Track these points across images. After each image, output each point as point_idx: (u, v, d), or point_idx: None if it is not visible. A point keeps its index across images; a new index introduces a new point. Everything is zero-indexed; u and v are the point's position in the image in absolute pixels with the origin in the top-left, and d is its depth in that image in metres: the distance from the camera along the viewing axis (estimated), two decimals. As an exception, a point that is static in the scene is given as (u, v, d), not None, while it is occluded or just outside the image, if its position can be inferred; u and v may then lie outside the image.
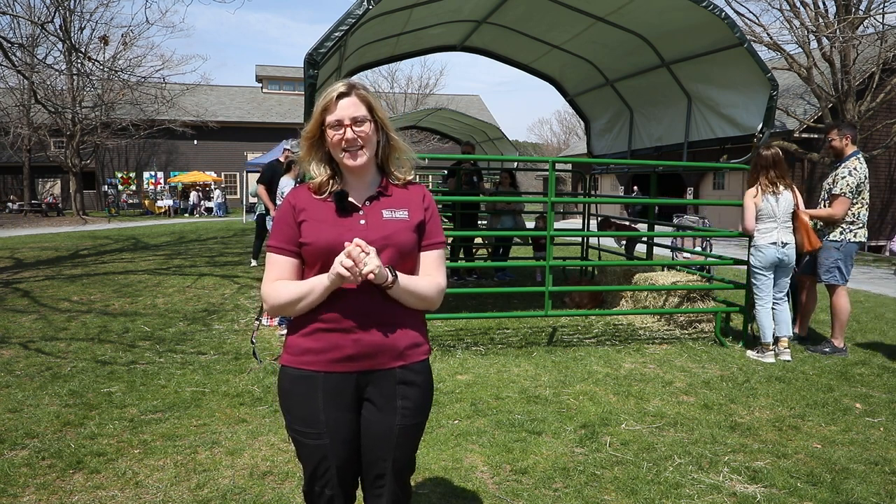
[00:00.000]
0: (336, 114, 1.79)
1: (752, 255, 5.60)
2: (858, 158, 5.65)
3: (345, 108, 1.80)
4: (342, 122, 1.79)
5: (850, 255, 5.63)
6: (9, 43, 10.73)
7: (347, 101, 1.80)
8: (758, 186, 5.48)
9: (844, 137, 5.68)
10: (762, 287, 5.53)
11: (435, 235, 1.91)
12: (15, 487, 3.06)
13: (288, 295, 1.79)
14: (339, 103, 1.80)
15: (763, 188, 5.45)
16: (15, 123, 27.59)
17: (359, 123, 1.80)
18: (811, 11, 14.29)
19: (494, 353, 5.53)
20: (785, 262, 5.46)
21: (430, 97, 37.81)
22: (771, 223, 5.43)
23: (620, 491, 3.10)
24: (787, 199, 5.44)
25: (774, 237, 5.42)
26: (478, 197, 9.50)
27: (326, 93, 1.82)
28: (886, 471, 3.36)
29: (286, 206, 1.87)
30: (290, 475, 3.20)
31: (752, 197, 5.49)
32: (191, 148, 35.11)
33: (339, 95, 1.80)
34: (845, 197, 5.53)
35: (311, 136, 1.85)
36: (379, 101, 1.89)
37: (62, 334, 6.09)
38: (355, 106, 1.81)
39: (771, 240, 5.43)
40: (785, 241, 5.42)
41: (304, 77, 5.06)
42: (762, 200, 5.43)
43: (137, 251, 13.46)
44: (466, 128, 16.42)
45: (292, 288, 1.80)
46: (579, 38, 7.83)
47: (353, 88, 1.82)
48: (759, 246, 5.48)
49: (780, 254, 5.42)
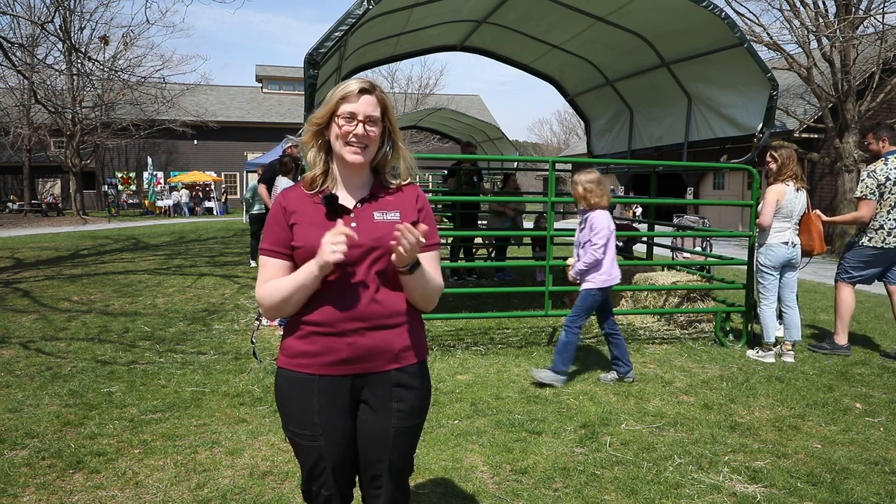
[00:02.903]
0: (353, 106, 1.79)
1: (760, 254, 5.50)
2: (886, 160, 5.54)
3: (364, 104, 1.79)
4: (357, 115, 1.79)
5: (861, 257, 5.60)
6: (9, 43, 10.73)
7: (368, 98, 1.80)
8: (787, 178, 5.31)
9: (881, 140, 5.60)
10: (768, 287, 5.48)
11: (429, 237, 1.87)
12: (15, 487, 3.06)
13: (280, 292, 1.76)
14: (360, 98, 1.79)
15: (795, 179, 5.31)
16: (15, 123, 27.59)
17: (371, 123, 1.80)
18: (811, 11, 14.28)
19: (494, 353, 5.53)
20: (793, 262, 5.42)
21: (430, 97, 37.79)
22: (786, 222, 5.36)
23: (620, 491, 3.10)
24: (803, 201, 5.39)
25: (787, 237, 5.37)
26: (478, 197, 9.50)
27: (346, 84, 1.81)
28: (886, 471, 3.36)
29: (277, 209, 1.85)
30: (290, 475, 3.20)
31: (777, 192, 5.33)
32: (191, 148, 35.11)
33: (361, 90, 1.80)
34: (869, 199, 5.47)
35: (320, 121, 1.84)
36: (393, 108, 1.89)
37: (62, 334, 6.09)
38: (373, 105, 1.81)
39: (783, 239, 5.36)
40: (795, 241, 5.40)
41: (304, 77, 5.07)
42: (786, 196, 5.30)
43: (137, 251, 13.46)
44: (466, 128, 16.42)
45: (285, 283, 1.77)
46: (579, 38, 7.83)
47: (375, 88, 1.83)
48: (771, 245, 5.40)
49: (790, 254, 5.38)
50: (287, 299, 1.76)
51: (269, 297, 1.78)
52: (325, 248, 1.67)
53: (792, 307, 5.49)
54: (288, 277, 1.78)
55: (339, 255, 1.66)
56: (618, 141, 9.26)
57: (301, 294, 1.76)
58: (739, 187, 20.96)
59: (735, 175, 20.80)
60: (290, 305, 1.78)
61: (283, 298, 1.77)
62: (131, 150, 33.78)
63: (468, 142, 10.93)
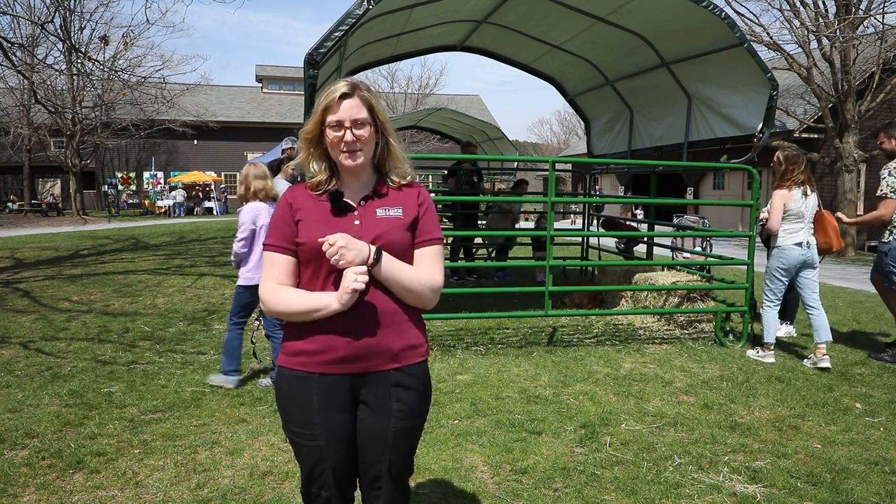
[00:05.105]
0: (337, 115, 1.78)
1: (773, 257, 5.39)
2: None
3: (346, 109, 1.79)
4: (343, 123, 1.79)
5: None
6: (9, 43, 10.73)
7: (349, 102, 1.79)
8: (791, 183, 5.27)
9: (893, 138, 5.52)
10: (775, 290, 5.39)
11: (429, 232, 1.89)
12: (15, 487, 3.06)
13: (293, 306, 1.79)
14: (341, 104, 1.79)
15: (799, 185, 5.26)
16: (15, 123, 27.58)
17: (359, 126, 1.80)
18: (811, 11, 14.28)
19: (494, 353, 5.53)
20: (808, 263, 5.31)
21: (430, 97, 37.79)
22: (798, 223, 5.27)
23: (620, 491, 3.10)
24: (814, 200, 5.32)
25: (801, 237, 5.27)
26: (478, 197, 9.50)
27: (328, 91, 1.81)
28: (886, 471, 3.36)
29: (283, 205, 1.87)
30: (290, 475, 3.20)
31: (783, 196, 5.27)
32: (191, 148, 35.08)
33: (342, 96, 1.79)
34: (889, 198, 5.40)
35: (311, 134, 1.84)
36: (381, 103, 1.88)
37: (62, 334, 6.09)
38: (357, 108, 1.80)
39: (797, 240, 5.26)
40: (810, 241, 5.31)
41: (304, 77, 5.07)
42: (793, 199, 5.24)
43: (137, 251, 13.46)
44: (466, 128, 16.43)
45: (299, 300, 1.79)
46: (579, 38, 7.83)
47: (355, 89, 1.81)
48: (784, 247, 5.29)
49: (805, 255, 5.27)
50: (293, 315, 1.80)
51: (276, 303, 1.81)
52: (348, 277, 1.70)
53: (816, 307, 5.33)
54: (302, 295, 1.80)
55: (361, 284, 1.70)
56: (618, 141, 9.27)
57: (313, 317, 1.78)
58: (739, 187, 20.96)
59: (735, 175, 20.80)
60: (293, 318, 1.82)
61: (289, 312, 1.81)
62: (131, 150, 33.74)
63: (468, 142, 10.94)
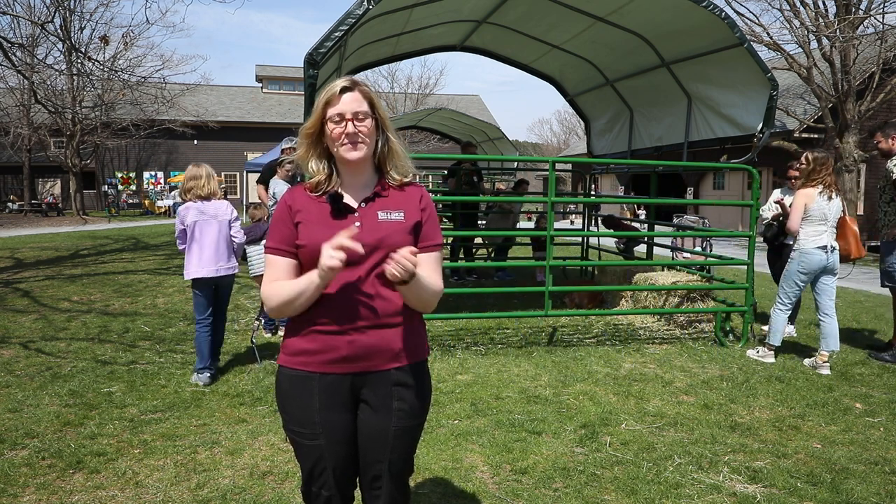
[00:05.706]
0: (338, 107, 1.79)
1: (793, 260, 5.27)
2: None
3: (347, 102, 1.79)
4: (344, 115, 1.78)
5: None
6: (9, 43, 10.73)
7: (350, 95, 1.80)
8: (817, 184, 5.16)
9: (890, 138, 5.48)
10: (790, 294, 5.30)
11: (432, 237, 1.88)
12: (15, 487, 3.06)
13: (284, 294, 1.78)
14: (342, 97, 1.79)
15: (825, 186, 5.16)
16: (15, 123, 27.56)
17: (360, 118, 1.80)
18: (811, 11, 14.29)
19: (494, 353, 5.53)
20: (829, 268, 5.20)
21: (430, 97, 37.76)
22: (821, 226, 5.15)
23: (620, 491, 3.10)
24: (838, 204, 5.21)
25: (825, 240, 5.14)
26: (478, 197, 9.50)
27: (329, 87, 1.81)
28: (886, 471, 3.36)
29: (283, 207, 1.86)
30: (290, 475, 3.20)
31: (806, 195, 5.16)
32: (191, 148, 35.07)
33: (343, 90, 1.80)
34: None
35: (312, 130, 1.84)
36: (380, 100, 1.89)
37: (62, 334, 6.09)
38: (358, 101, 1.80)
39: (820, 243, 5.13)
40: (833, 245, 5.20)
41: (304, 77, 5.07)
42: (815, 201, 5.13)
43: (137, 251, 13.46)
44: (466, 128, 16.44)
45: (287, 287, 1.78)
46: (579, 38, 7.83)
47: (356, 84, 1.82)
48: (805, 250, 5.17)
49: (827, 260, 5.16)
50: (288, 303, 1.78)
51: (272, 297, 1.80)
52: (324, 254, 1.67)
53: (830, 315, 5.23)
54: (292, 282, 1.79)
55: (336, 261, 1.65)
56: (618, 141, 9.27)
57: (302, 299, 1.76)
58: (739, 187, 20.96)
59: (735, 175, 20.81)
60: (292, 308, 1.79)
61: (284, 301, 1.78)
62: (131, 150, 33.76)
63: (468, 142, 10.93)
